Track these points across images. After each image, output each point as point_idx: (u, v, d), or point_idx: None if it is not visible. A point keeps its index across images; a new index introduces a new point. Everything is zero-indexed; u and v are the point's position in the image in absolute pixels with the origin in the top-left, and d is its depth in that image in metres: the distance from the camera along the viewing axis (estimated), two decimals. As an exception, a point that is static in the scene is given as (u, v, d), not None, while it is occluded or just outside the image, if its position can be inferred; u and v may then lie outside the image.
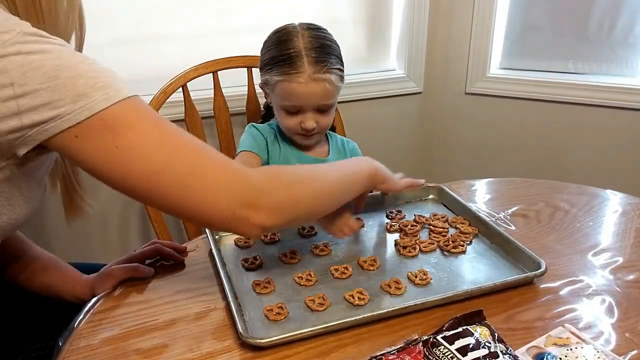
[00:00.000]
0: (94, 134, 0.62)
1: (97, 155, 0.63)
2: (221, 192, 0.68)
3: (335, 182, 0.82)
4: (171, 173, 0.65)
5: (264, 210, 0.70)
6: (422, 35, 1.83)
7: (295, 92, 1.07)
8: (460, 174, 1.91)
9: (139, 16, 1.46)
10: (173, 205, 0.67)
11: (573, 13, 1.73)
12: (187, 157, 0.67)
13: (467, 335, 0.66)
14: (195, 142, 0.69)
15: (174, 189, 0.66)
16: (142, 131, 0.64)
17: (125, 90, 0.64)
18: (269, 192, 0.71)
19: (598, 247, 0.95)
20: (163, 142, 0.65)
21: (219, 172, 0.69)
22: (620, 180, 1.66)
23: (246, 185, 0.69)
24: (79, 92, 0.60)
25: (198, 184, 0.66)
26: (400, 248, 0.93)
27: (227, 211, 0.68)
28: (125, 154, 0.63)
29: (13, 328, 0.91)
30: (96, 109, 0.61)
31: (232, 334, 0.73)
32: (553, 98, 1.76)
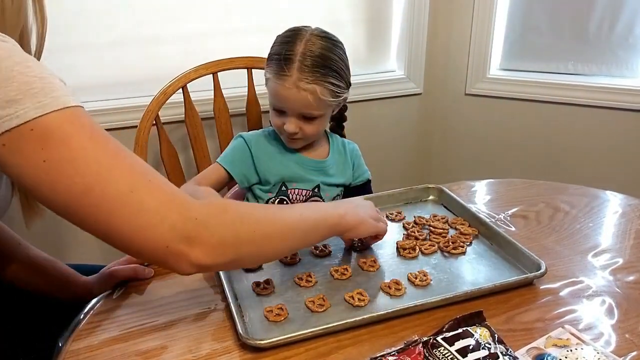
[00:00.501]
0: (22, 144, 0.56)
1: (23, 167, 0.58)
2: (156, 220, 0.61)
3: (291, 228, 0.75)
4: (100, 194, 0.59)
5: (202, 246, 0.63)
6: (422, 36, 1.83)
7: (278, 93, 1.07)
8: (460, 174, 1.92)
9: (139, 17, 1.46)
10: (101, 230, 0.61)
11: (573, 14, 1.73)
12: (123, 178, 0.60)
13: (467, 337, 0.66)
14: (138, 163, 0.63)
15: (103, 211, 0.59)
16: (75, 146, 0.58)
17: (63, 99, 0.58)
18: (210, 227, 0.64)
19: (598, 248, 0.95)
20: (97, 160, 0.59)
21: (157, 199, 0.62)
22: (621, 182, 1.66)
23: (186, 216, 0.63)
24: (9, 98, 0.55)
25: (131, 209, 0.60)
26: (401, 249, 0.93)
27: (160, 242, 0.61)
28: (53, 169, 0.58)
29: (13, 329, 0.91)
30: (27, 117, 0.56)
31: (232, 335, 0.73)
32: (553, 99, 1.76)
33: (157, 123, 1.33)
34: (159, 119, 1.34)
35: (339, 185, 1.19)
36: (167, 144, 1.38)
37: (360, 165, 1.25)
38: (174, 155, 1.40)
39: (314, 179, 1.15)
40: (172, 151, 1.39)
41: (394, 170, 1.92)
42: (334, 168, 1.18)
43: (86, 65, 1.44)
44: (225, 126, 1.45)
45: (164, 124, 1.38)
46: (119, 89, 1.51)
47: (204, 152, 1.44)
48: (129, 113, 1.46)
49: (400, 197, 1.11)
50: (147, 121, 1.30)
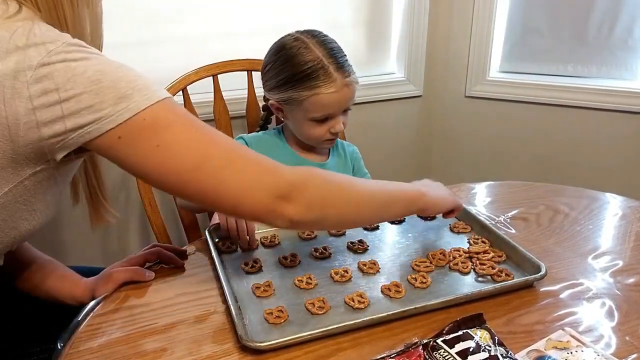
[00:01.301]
0: (136, 133, 0.65)
1: (139, 155, 0.66)
2: (255, 184, 0.70)
3: (373, 197, 0.82)
4: (209, 167, 0.68)
5: (294, 203, 0.71)
6: (422, 38, 1.83)
7: (328, 102, 1.05)
8: (460, 176, 1.92)
9: (139, 19, 1.46)
10: (210, 198, 0.70)
11: (572, 16, 1.73)
12: (222, 152, 0.70)
13: (467, 339, 0.66)
14: (230, 139, 0.74)
15: (211, 182, 0.69)
16: (180, 129, 0.67)
17: (161, 92, 0.67)
18: (300, 188, 0.72)
19: (598, 250, 0.95)
20: (199, 139, 0.68)
21: (253, 166, 0.71)
22: (620, 184, 1.67)
23: (279, 178, 0.72)
24: (121, 94, 0.63)
25: (233, 177, 0.69)
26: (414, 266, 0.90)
27: (259, 202, 0.70)
28: (165, 152, 0.66)
29: (13, 331, 0.91)
30: (137, 109, 0.64)
31: (232, 338, 0.73)
32: (553, 101, 1.76)
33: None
34: (159, 121, 1.33)
35: None
36: (167, 146, 1.37)
37: (360, 167, 1.25)
38: (174, 158, 1.39)
39: None
40: (172, 153, 1.39)
41: (394, 172, 1.92)
42: (334, 170, 1.18)
43: (86, 68, 1.44)
44: (225, 128, 1.45)
45: (164, 126, 1.37)
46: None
47: (204, 154, 1.44)
48: (129, 115, 1.46)
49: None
50: (147, 123, 1.30)
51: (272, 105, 1.14)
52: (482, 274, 0.86)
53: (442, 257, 0.91)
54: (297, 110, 1.08)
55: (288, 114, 1.12)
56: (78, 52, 0.64)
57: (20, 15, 0.65)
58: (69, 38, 0.65)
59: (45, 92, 0.61)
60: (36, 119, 0.62)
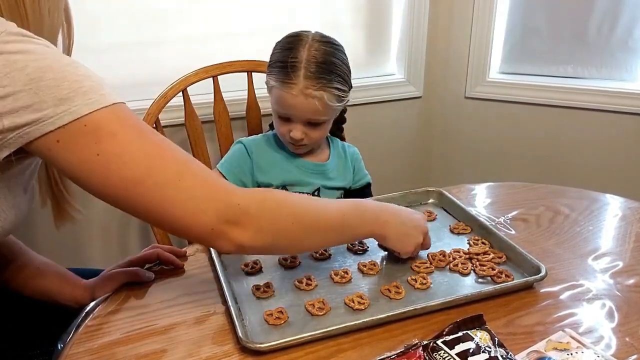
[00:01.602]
0: (76, 139, 0.61)
1: (77, 162, 0.62)
2: (202, 205, 0.66)
3: (330, 226, 0.78)
4: (151, 183, 0.64)
5: (243, 230, 0.69)
6: (421, 39, 1.83)
7: (285, 101, 1.07)
8: (460, 178, 1.92)
9: (139, 20, 1.46)
10: (152, 216, 0.67)
11: (572, 17, 1.73)
12: (169, 168, 0.66)
13: (467, 340, 0.66)
14: (180, 153, 0.68)
15: (154, 199, 0.65)
16: (124, 139, 0.63)
17: (110, 97, 0.63)
18: (251, 212, 0.69)
19: (598, 252, 0.95)
20: (145, 151, 0.64)
21: (202, 186, 0.67)
22: (620, 185, 1.66)
23: (228, 201, 0.68)
24: (62, 96, 0.59)
25: (179, 196, 0.65)
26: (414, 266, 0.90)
27: (206, 225, 0.67)
28: (106, 162, 0.62)
29: (13, 333, 0.91)
30: (79, 113, 0.60)
31: (232, 339, 0.73)
32: (552, 102, 1.76)
33: (157, 126, 1.34)
34: (159, 122, 1.34)
35: (339, 189, 1.19)
36: (167, 147, 1.37)
37: (360, 169, 1.25)
38: (174, 159, 1.39)
39: (314, 182, 1.15)
40: (172, 154, 1.39)
41: (394, 174, 1.92)
42: (334, 171, 1.18)
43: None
44: (225, 130, 1.46)
45: (164, 127, 1.38)
46: (119, 92, 1.49)
47: (204, 156, 1.44)
48: (129, 116, 1.46)
49: (400, 200, 1.11)
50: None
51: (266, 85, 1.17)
52: (482, 275, 0.86)
53: (442, 258, 0.91)
54: (270, 97, 1.12)
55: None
56: (19, 42, 0.59)
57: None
58: (11, 27, 0.60)
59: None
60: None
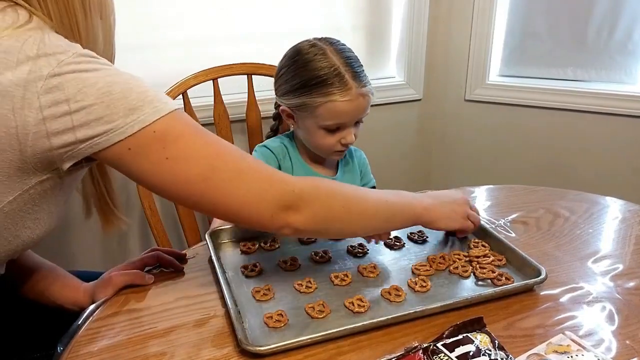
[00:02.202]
0: (146, 146, 0.66)
1: (148, 166, 0.67)
2: (261, 195, 0.73)
3: (377, 210, 0.84)
4: (217, 179, 0.70)
5: (300, 214, 0.74)
6: (421, 42, 1.83)
7: (342, 110, 1.03)
8: (459, 180, 1.92)
9: (139, 23, 1.47)
10: (218, 209, 0.73)
11: (572, 20, 1.74)
12: (230, 164, 0.72)
13: (468, 343, 0.66)
14: (235, 149, 0.75)
15: (219, 194, 0.71)
16: (189, 142, 0.69)
17: (171, 104, 0.68)
18: (306, 199, 0.75)
19: (598, 254, 0.95)
20: (208, 151, 0.70)
21: (260, 177, 0.74)
22: (620, 187, 1.67)
23: (285, 189, 0.74)
24: (131, 106, 0.64)
25: (241, 189, 0.71)
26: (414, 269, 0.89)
27: (267, 212, 0.73)
28: (175, 164, 0.68)
29: (14, 336, 0.90)
30: (148, 121, 0.65)
31: (232, 342, 0.73)
32: (552, 105, 1.77)
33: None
34: (159, 125, 1.34)
35: None
36: (167, 150, 1.38)
37: (367, 173, 1.24)
38: (174, 161, 1.40)
39: None
40: (172, 157, 1.39)
41: (394, 176, 1.92)
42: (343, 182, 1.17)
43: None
44: (225, 132, 1.46)
45: (164, 130, 1.38)
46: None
47: (204, 158, 1.44)
48: (129, 119, 1.46)
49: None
50: (147, 127, 1.30)
51: (284, 112, 1.11)
52: (482, 277, 0.86)
53: (442, 261, 0.90)
54: (309, 117, 1.06)
55: (299, 121, 1.10)
56: (88, 62, 0.65)
57: (30, 25, 0.65)
58: (79, 49, 0.66)
59: (55, 103, 0.62)
60: (46, 129, 0.62)
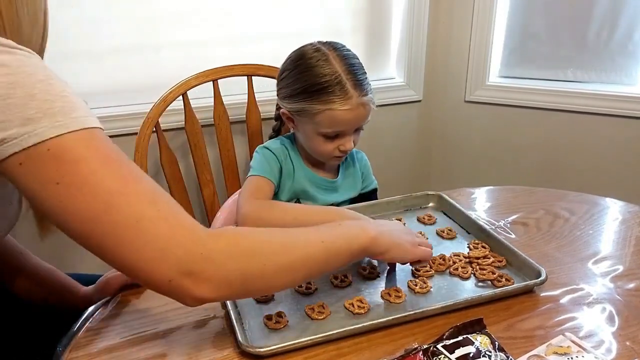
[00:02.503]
0: (38, 164, 0.56)
1: (37, 187, 0.58)
2: (161, 254, 0.60)
3: (309, 258, 0.71)
4: (108, 222, 0.58)
5: (208, 282, 0.62)
6: (421, 43, 1.83)
7: (342, 119, 1.02)
8: (460, 181, 1.92)
9: (139, 24, 1.47)
10: (107, 257, 0.61)
11: (572, 22, 1.74)
12: (130, 207, 0.59)
13: (468, 344, 0.66)
14: (148, 190, 0.62)
15: (109, 239, 0.59)
16: (87, 170, 0.58)
17: (82, 120, 0.58)
18: (218, 262, 0.62)
19: (598, 255, 0.95)
20: (107, 186, 0.59)
21: (163, 231, 0.60)
22: (620, 188, 1.66)
23: (191, 251, 0.61)
24: (28, 116, 0.55)
25: (136, 240, 0.59)
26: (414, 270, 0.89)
27: (164, 276, 0.60)
28: (64, 192, 0.57)
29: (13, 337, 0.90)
30: (44, 136, 0.56)
31: (232, 343, 0.73)
32: (552, 106, 1.77)
33: (157, 130, 1.34)
34: (159, 126, 1.34)
35: (348, 200, 1.18)
36: (167, 151, 1.38)
37: (368, 175, 1.23)
38: (173, 162, 1.40)
39: (325, 198, 1.13)
40: (172, 158, 1.39)
41: (394, 177, 1.92)
42: (344, 185, 1.17)
43: (87, 73, 1.44)
44: (225, 133, 1.46)
45: (164, 131, 1.38)
46: (119, 96, 1.51)
47: (204, 159, 1.44)
48: (129, 120, 1.46)
49: (400, 204, 1.11)
50: (147, 128, 1.30)
51: (284, 115, 1.10)
52: (482, 279, 0.86)
53: (442, 262, 0.90)
54: (309, 123, 1.05)
55: (299, 126, 1.09)
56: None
57: None
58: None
59: None
60: None
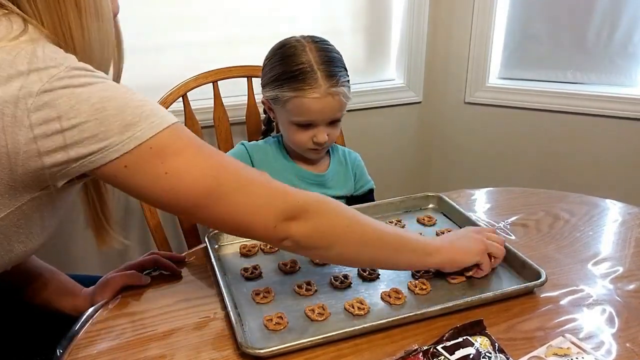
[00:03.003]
0: (143, 162, 0.64)
1: (147, 182, 0.65)
2: (264, 207, 0.71)
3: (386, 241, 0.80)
4: (219, 193, 0.68)
5: (302, 224, 0.72)
6: (421, 44, 1.84)
7: (310, 108, 1.05)
8: (459, 183, 1.92)
9: (139, 26, 1.47)
10: (220, 222, 0.72)
11: (572, 23, 1.74)
12: (231, 177, 0.70)
13: (468, 346, 0.66)
14: (236, 162, 0.73)
15: (222, 207, 0.69)
16: (188, 156, 0.67)
17: (168, 117, 0.66)
18: (310, 210, 0.73)
19: (598, 257, 0.95)
20: (208, 164, 0.68)
21: (264, 188, 0.72)
22: (620, 190, 1.67)
23: (289, 200, 0.73)
24: (127, 122, 0.62)
25: (243, 202, 0.70)
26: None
27: (269, 223, 0.71)
28: (174, 179, 0.66)
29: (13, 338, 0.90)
30: (144, 137, 0.63)
31: (232, 344, 0.73)
32: (552, 108, 1.77)
33: (157, 131, 1.33)
34: (159, 127, 1.34)
35: (339, 197, 1.18)
36: (167, 152, 1.38)
37: (362, 175, 1.24)
38: (173, 164, 1.39)
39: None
40: (172, 160, 1.39)
41: (394, 179, 1.92)
42: (333, 181, 1.18)
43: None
44: (225, 135, 1.46)
45: (164, 132, 1.37)
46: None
47: (204, 161, 1.44)
48: (129, 121, 1.46)
49: (399, 205, 1.11)
50: (147, 130, 1.30)
51: (264, 103, 1.14)
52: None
53: None
54: (282, 111, 1.09)
55: (277, 115, 1.13)
56: (82, 76, 0.62)
57: (25, 37, 0.62)
58: (73, 61, 0.63)
59: (46, 121, 0.59)
60: (37, 148, 0.60)
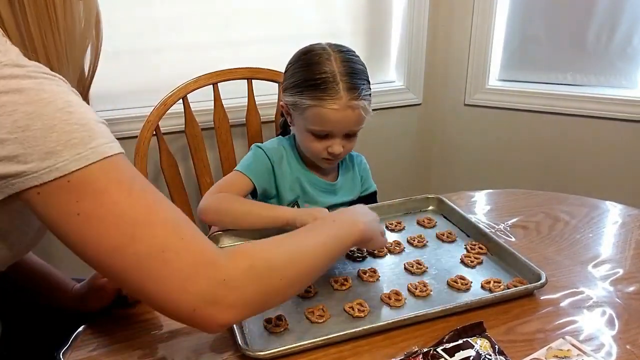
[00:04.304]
0: (57, 195, 0.56)
1: (56, 218, 0.57)
2: (185, 285, 0.59)
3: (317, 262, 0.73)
4: (131, 253, 0.58)
5: (231, 307, 0.62)
6: (421, 46, 1.84)
7: (328, 118, 1.03)
8: (459, 185, 1.92)
9: (140, 28, 1.47)
10: (130, 287, 0.61)
11: (571, 25, 1.74)
12: (154, 238, 0.59)
13: (468, 347, 0.66)
14: (172, 218, 0.62)
15: (133, 270, 0.58)
16: (109, 201, 0.57)
17: (102, 149, 0.57)
18: (240, 288, 0.62)
19: (598, 259, 0.95)
20: (131, 216, 0.58)
21: (187, 261, 0.60)
22: (620, 192, 1.66)
23: (214, 279, 0.61)
24: (49, 149, 0.54)
25: (160, 271, 0.59)
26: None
27: (188, 306, 0.60)
28: (86, 224, 0.57)
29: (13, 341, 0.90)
30: (65, 170, 0.55)
31: (232, 347, 0.73)
32: (552, 110, 1.77)
33: (157, 133, 1.34)
34: (159, 129, 1.34)
35: (346, 203, 1.17)
36: (167, 154, 1.38)
37: (367, 178, 1.23)
38: (173, 166, 1.40)
39: (324, 201, 1.13)
40: (172, 161, 1.39)
41: (394, 180, 1.92)
42: (343, 189, 1.17)
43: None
44: (225, 136, 1.46)
45: (164, 134, 1.38)
46: (120, 99, 1.51)
47: (204, 163, 1.44)
48: (129, 123, 1.46)
49: (400, 207, 1.11)
50: (147, 131, 1.30)
51: (282, 107, 1.12)
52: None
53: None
54: (300, 118, 1.07)
55: (294, 120, 1.10)
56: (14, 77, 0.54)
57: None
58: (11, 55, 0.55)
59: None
60: None
